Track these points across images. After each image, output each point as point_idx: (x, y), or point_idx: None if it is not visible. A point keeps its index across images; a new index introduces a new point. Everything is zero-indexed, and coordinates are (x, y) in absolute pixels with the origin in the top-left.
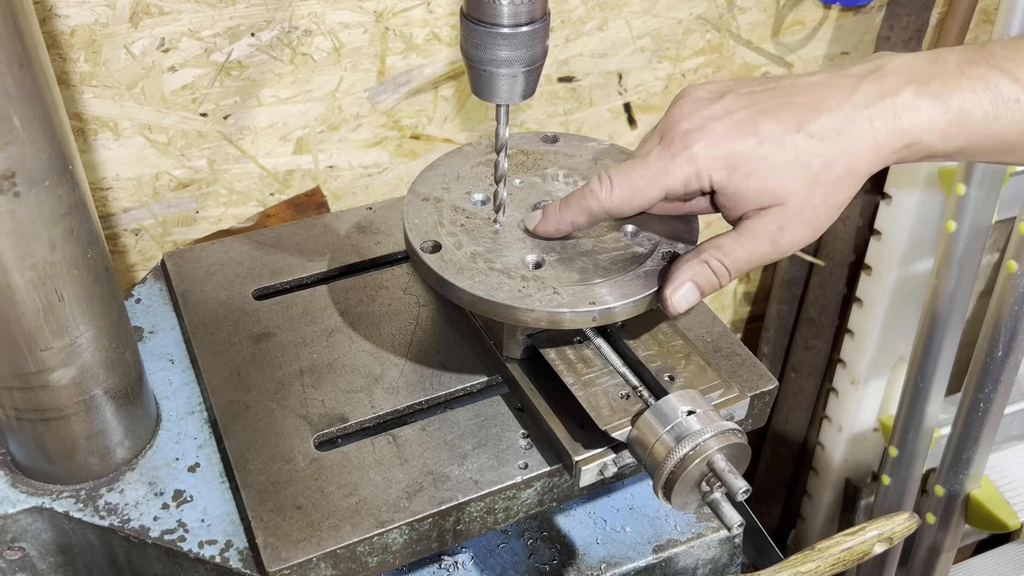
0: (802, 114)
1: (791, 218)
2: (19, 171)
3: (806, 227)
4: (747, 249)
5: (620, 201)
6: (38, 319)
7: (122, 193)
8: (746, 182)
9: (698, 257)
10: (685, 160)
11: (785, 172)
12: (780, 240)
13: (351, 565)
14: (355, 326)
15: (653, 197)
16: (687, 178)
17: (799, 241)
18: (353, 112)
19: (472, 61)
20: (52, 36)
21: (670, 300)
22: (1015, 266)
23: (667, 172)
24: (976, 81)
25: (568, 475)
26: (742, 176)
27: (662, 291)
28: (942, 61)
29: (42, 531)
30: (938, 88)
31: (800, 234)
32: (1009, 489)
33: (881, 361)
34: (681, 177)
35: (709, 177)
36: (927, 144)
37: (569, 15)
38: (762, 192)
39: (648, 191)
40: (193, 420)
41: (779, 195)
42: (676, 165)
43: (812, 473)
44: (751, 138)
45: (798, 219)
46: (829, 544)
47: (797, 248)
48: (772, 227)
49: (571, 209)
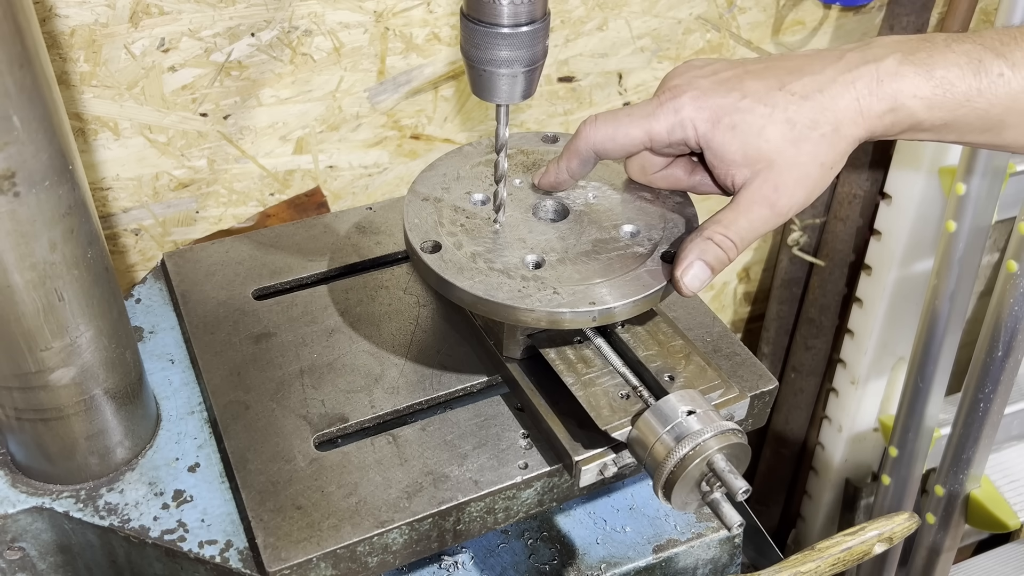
0: (785, 75)
1: (782, 177)
2: (19, 171)
3: (800, 187)
4: (747, 217)
5: (604, 137)
6: (38, 319)
7: (122, 193)
8: (730, 135)
9: (701, 235)
10: (671, 109)
11: (767, 126)
12: (777, 201)
13: (351, 565)
14: (355, 326)
15: (636, 138)
16: (671, 126)
17: (796, 202)
18: (353, 112)
19: (472, 61)
20: (52, 36)
21: (682, 281)
22: (1015, 266)
23: (652, 116)
24: (961, 56)
25: (568, 475)
26: (725, 128)
27: (672, 273)
28: (930, 39)
29: (42, 531)
30: (923, 58)
31: (796, 195)
32: (1009, 489)
33: (881, 361)
34: (666, 124)
35: (694, 127)
36: (911, 111)
37: (569, 15)
38: (748, 147)
39: (631, 130)
40: (193, 420)
41: (764, 151)
42: (662, 112)
43: (812, 473)
44: (735, 93)
45: (790, 178)
46: (829, 544)
47: (795, 210)
48: (766, 190)
49: (564, 154)
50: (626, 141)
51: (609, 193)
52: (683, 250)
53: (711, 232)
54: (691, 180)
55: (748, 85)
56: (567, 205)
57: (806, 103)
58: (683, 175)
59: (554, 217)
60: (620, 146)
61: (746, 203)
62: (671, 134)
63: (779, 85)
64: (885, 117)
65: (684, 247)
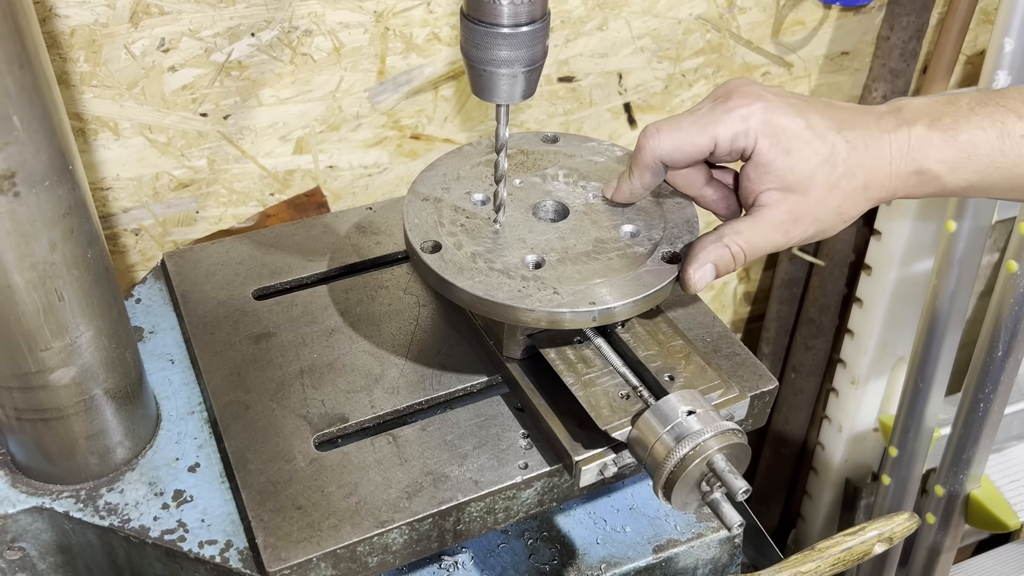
0: (841, 119)
1: (806, 212)
2: (19, 171)
3: (815, 226)
4: (763, 236)
5: (671, 148)
6: (38, 319)
7: (122, 193)
8: (782, 158)
9: (720, 240)
10: (740, 116)
11: (817, 163)
12: (791, 231)
13: (351, 565)
14: (355, 326)
15: (702, 146)
16: (736, 134)
17: (805, 237)
18: (353, 112)
19: (472, 61)
20: (52, 36)
21: (692, 278)
22: (1015, 266)
23: (720, 122)
24: (984, 118)
25: (568, 475)
26: (782, 151)
27: (684, 270)
28: (955, 102)
29: (42, 531)
30: (948, 124)
31: (808, 231)
32: (1009, 489)
33: (881, 361)
34: (732, 130)
35: (755, 140)
36: (936, 175)
37: (569, 15)
38: (792, 173)
39: (697, 139)
40: (193, 420)
41: (804, 183)
42: (731, 118)
43: (812, 473)
44: (801, 120)
45: (811, 215)
46: (829, 544)
47: (800, 244)
48: (788, 217)
49: (634, 169)
50: (692, 150)
51: None
52: (700, 249)
53: (729, 240)
54: (703, 190)
55: (812, 118)
56: (567, 205)
57: (853, 153)
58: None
59: (554, 217)
60: (687, 155)
61: (767, 222)
62: (734, 141)
63: (837, 128)
64: (910, 179)
65: (700, 247)
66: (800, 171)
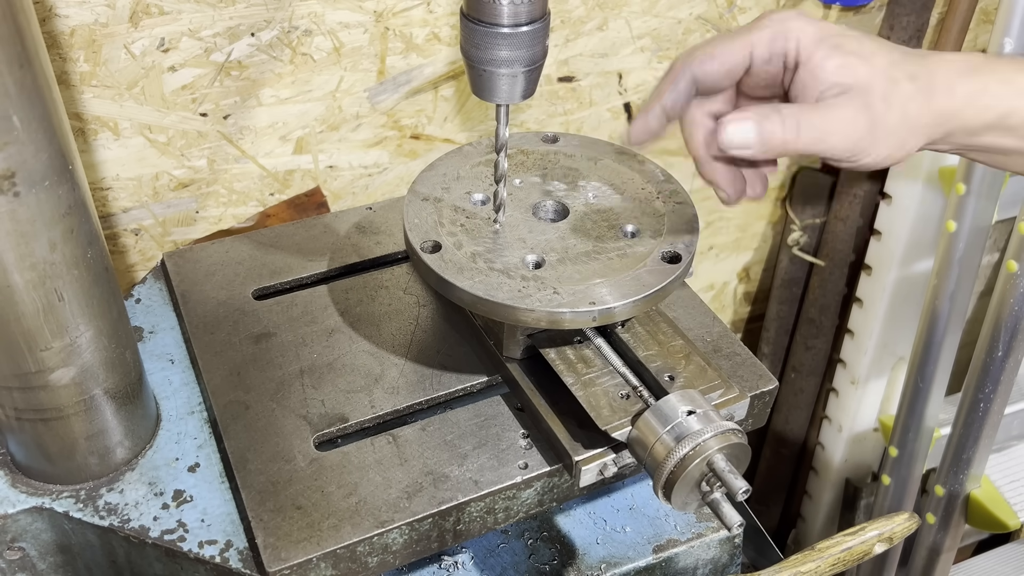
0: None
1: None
2: (19, 171)
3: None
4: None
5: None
6: (38, 319)
7: (122, 193)
8: (834, 54)
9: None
10: (777, 20)
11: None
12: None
13: (351, 565)
14: (355, 326)
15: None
16: (774, 34)
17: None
18: (353, 112)
19: (472, 61)
20: (52, 36)
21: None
22: (1015, 266)
23: (755, 28)
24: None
25: (568, 475)
26: (831, 47)
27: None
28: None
29: (42, 531)
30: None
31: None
32: (1009, 489)
33: (881, 361)
34: (769, 32)
35: (797, 40)
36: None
37: (569, 15)
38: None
39: (732, 44)
40: (193, 420)
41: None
42: (766, 22)
43: (812, 473)
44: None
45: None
46: (829, 544)
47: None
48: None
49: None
50: (728, 57)
51: (609, 193)
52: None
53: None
54: None
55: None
56: (567, 205)
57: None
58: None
59: (554, 217)
60: (721, 63)
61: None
62: (773, 43)
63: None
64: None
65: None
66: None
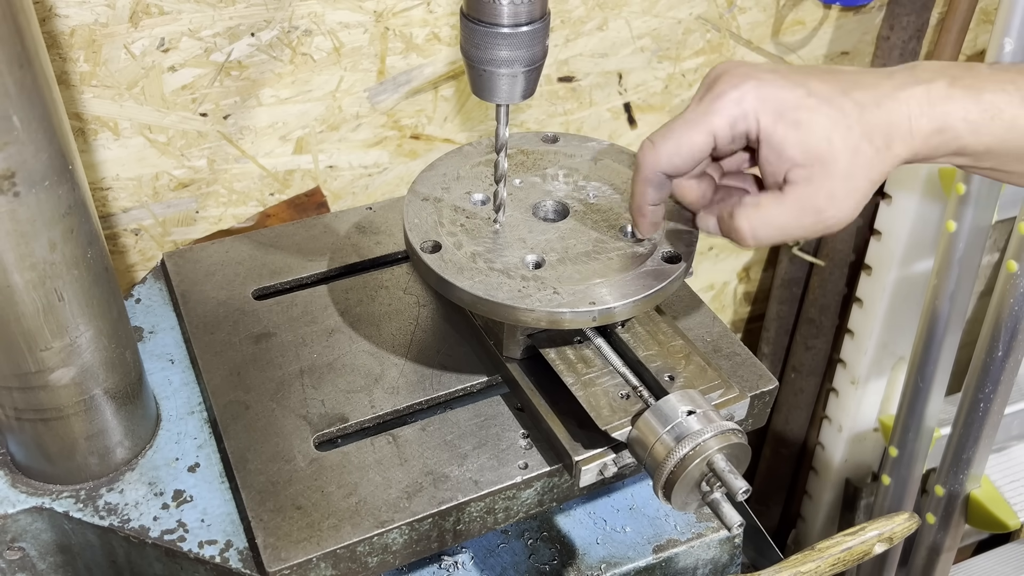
0: (846, 82)
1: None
2: (19, 171)
3: (849, 199)
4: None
5: (669, 154)
6: (38, 319)
7: (122, 193)
8: (793, 132)
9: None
10: (732, 100)
11: (832, 128)
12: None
13: (351, 565)
14: (355, 326)
15: (700, 143)
16: (734, 119)
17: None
18: (353, 112)
19: (472, 61)
20: (52, 36)
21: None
22: (1015, 266)
23: (712, 112)
24: (1007, 83)
25: (568, 475)
26: (789, 124)
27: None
28: (972, 67)
29: (42, 531)
30: (970, 83)
31: (844, 208)
32: (1009, 489)
33: (881, 361)
34: (727, 117)
35: (756, 120)
36: (958, 134)
37: (569, 15)
38: (809, 146)
39: (694, 136)
40: (193, 420)
41: (824, 153)
42: (723, 104)
43: (812, 473)
44: (800, 89)
45: (843, 189)
46: (829, 544)
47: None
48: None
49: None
50: (692, 150)
51: (609, 193)
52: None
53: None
54: None
55: (813, 85)
56: (567, 205)
57: (866, 114)
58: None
59: (554, 217)
60: (687, 157)
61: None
62: (734, 127)
63: (843, 91)
64: (932, 139)
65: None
66: (816, 143)
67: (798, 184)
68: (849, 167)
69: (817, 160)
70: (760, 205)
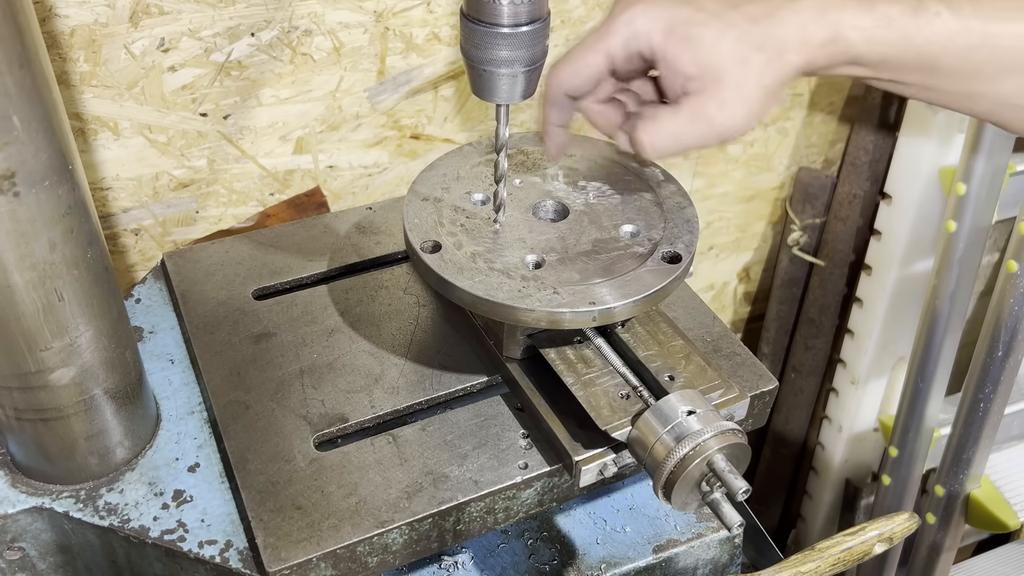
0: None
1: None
2: (19, 171)
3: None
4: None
5: (568, 75)
6: (38, 319)
7: (122, 193)
8: (683, 46)
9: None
10: (623, 22)
11: (721, 41)
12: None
13: (351, 565)
14: (355, 326)
15: (596, 63)
16: (626, 38)
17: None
18: (353, 112)
19: (472, 61)
20: (52, 36)
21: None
22: (1015, 266)
23: (606, 34)
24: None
25: (568, 475)
26: (679, 39)
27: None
28: None
29: (42, 531)
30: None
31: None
32: (1009, 489)
33: (881, 361)
34: (620, 37)
35: (648, 38)
36: (851, 43)
37: (569, 15)
38: (700, 59)
39: (589, 57)
40: (193, 420)
41: (715, 65)
42: (616, 26)
43: (812, 473)
44: (690, 6)
45: (734, 96)
46: (829, 544)
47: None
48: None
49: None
50: (589, 70)
51: (609, 193)
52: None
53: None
54: None
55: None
56: (567, 205)
57: (756, 26)
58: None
59: (554, 217)
60: (585, 77)
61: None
62: (627, 47)
63: (732, 5)
64: (826, 47)
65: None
66: (707, 55)
67: (692, 95)
68: (739, 76)
69: (708, 71)
70: (657, 118)
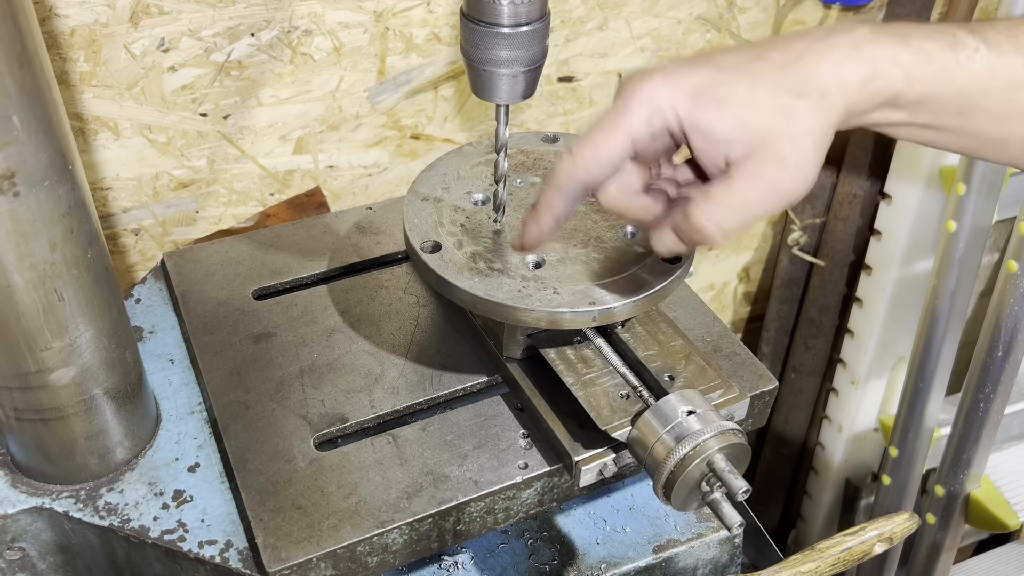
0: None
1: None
2: (19, 171)
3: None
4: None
5: (584, 163)
6: (38, 319)
7: (122, 193)
8: (716, 110)
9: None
10: (644, 98)
11: (755, 95)
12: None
13: (351, 565)
14: (355, 326)
15: (617, 146)
16: (648, 115)
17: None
18: (353, 112)
19: (472, 61)
20: (52, 36)
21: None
22: (1015, 266)
23: (624, 114)
24: (932, 31)
25: (568, 475)
26: (709, 104)
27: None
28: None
29: (42, 531)
30: (895, 30)
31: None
32: (1009, 489)
33: (881, 361)
34: (642, 116)
35: (674, 111)
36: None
37: (569, 15)
38: (738, 120)
39: (611, 140)
40: (193, 420)
41: (757, 123)
42: (634, 104)
43: (812, 473)
44: (708, 68)
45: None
46: (829, 544)
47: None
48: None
49: (544, 198)
50: (609, 153)
51: None
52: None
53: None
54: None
55: (720, 60)
56: None
57: (788, 71)
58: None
59: None
60: (605, 161)
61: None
62: (651, 124)
63: (756, 56)
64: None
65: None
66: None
67: (740, 162)
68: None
69: (750, 130)
70: (710, 196)
